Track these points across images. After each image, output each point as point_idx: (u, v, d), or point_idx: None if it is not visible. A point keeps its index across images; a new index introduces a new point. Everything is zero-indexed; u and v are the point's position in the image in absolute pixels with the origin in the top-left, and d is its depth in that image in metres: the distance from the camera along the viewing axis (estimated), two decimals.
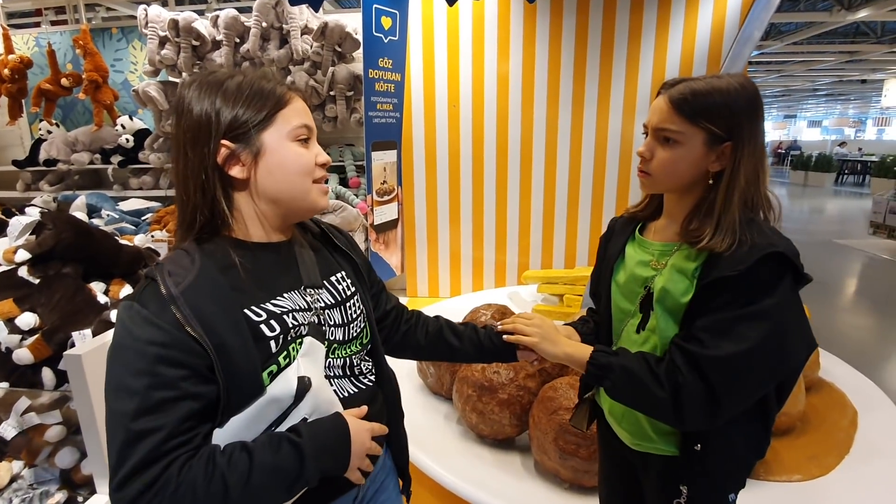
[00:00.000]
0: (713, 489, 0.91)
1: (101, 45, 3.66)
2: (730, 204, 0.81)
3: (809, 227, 7.84)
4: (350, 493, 0.82)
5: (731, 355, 0.76)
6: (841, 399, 1.99)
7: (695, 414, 0.80)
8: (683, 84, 0.84)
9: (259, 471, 0.63)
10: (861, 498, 1.50)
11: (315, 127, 0.78)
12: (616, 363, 0.86)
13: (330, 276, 0.83)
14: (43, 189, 3.67)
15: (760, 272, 0.76)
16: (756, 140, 0.82)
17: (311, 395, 0.69)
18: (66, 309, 1.26)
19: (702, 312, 0.81)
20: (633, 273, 0.94)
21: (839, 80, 12.98)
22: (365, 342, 0.87)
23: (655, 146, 0.87)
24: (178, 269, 0.67)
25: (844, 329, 3.90)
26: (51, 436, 1.22)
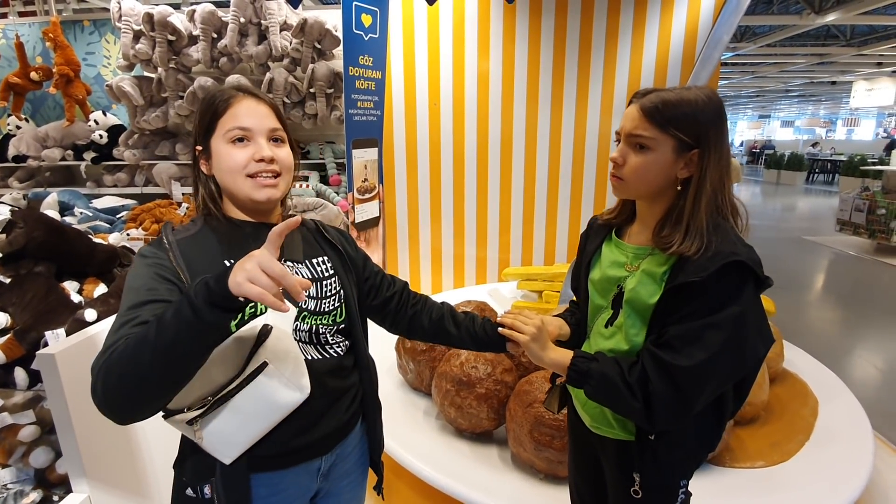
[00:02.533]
0: (663, 476, 0.97)
1: (72, 37, 3.57)
2: (697, 210, 0.86)
3: (780, 224, 8.08)
4: (314, 462, 0.90)
5: (700, 363, 0.81)
6: (803, 389, 2.08)
7: (664, 417, 0.86)
8: (655, 94, 0.88)
9: (160, 321, 0.66)
10: (818, 481, 1.58)
11: (264, 124, 0.86)
12: (594, 370, 0.90)
13: (312, 258, 0.94)
14: (12, 186, 3.57)
15: (723, 280, 0.81)
16: (721, 149, 0.87)
17: (272, 339, 0.78)
18: (38, 308, 1.25)
19: (671, 318, 0.86)
20: (607, 272, 0.99)
21: (810, 81, 13.36)
22: (338, 320, 0.95)
23: (628, 152, 0.91)
24: (181, 229, 0.87)
25: (810, 322, 4.05)
26: (24, 435, 1.21)
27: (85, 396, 1.20)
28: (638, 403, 0.86)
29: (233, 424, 0.77)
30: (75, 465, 1.18)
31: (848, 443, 1.74)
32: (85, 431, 1.18)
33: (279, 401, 0.79)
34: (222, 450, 0.79)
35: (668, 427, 0.90)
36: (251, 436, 0.79)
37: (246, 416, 0.78)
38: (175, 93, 3.24)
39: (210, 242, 0.85)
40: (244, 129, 0.84)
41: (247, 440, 0.79)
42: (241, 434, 0.79)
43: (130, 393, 0.67)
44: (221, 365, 0.76)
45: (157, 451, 1.46)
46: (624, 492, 0.98)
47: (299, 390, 0.81)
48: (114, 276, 1.52)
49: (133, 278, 0.79)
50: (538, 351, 0.95)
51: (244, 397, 0.76)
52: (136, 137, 3.45)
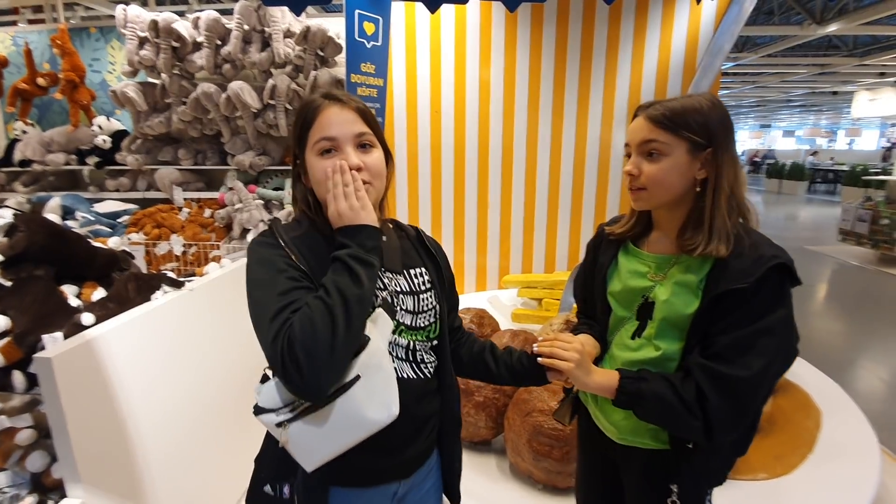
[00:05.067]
0: (699, 485, 0.96)
1: (78, 44, 3.61)
2: (718, 209, 0.86)
3: (783, 233, 8.07)
4: (391, 485, 0.88)
5: (758, 371, 0.81)
6: (806, 401, 2.06)
7: (724, 430, 0.85)
8: (659, 104, 0.90)
9: (336, 286, 0.74)
10: (821, 495, 1.56)
11: (349, 130, 0.84)
12: (646, 391, 0.88)
13: (410, 268, 0.92)
14: (17, 190, 3.59)
15: (768, 284, 0.82)
16: (733, 147, 0.89)
17: (367, 353, 0.76)
18: (37, 312, 1.25)
19: (717, 327, 0.85)
20: (628, 283, 0.98)
21: (811, 91, 13.40)
22: (432, 336, 0.93)
23: (641, 162, 0.91)
24: (291, 226, 0.87)
25: (813, 333, 4.02)
26: (21, 439, 1.21)
27: (81, 400, 1.20)
28: (697, 421, 0.84)
29: (318, 434, 0.75)
30: (70, 469, 1.17)
31: (853, 456, 1.72)
32: (80, 436, 1.18)
33: (367, 417, 0.76)
34: (304, 457, 0.77)
35: (725, 439, 0.89)
36: (335, 448, 0.77)
37: (332, 427, 0.75)
38: (178, 99, 3.26)
39: (318, 241, 0.84)
40: (330, 139, 0.83)
41: (330, 452, 0.77)
42: (325, 445, 0.76)
43: (330, 361, 0.71)
44: None
45: (153, 457, 1.45)
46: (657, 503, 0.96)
47: (387, 409, 0.77)
48: (112, 280, 1.52)
49: (262, 268, 0.80)
50: (583, 377, 0.93)
51: (332, 409, 0.74)
52: (139, 142, 3.48)
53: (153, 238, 3.03)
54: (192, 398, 1.63)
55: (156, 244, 2.80)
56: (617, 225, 1.04)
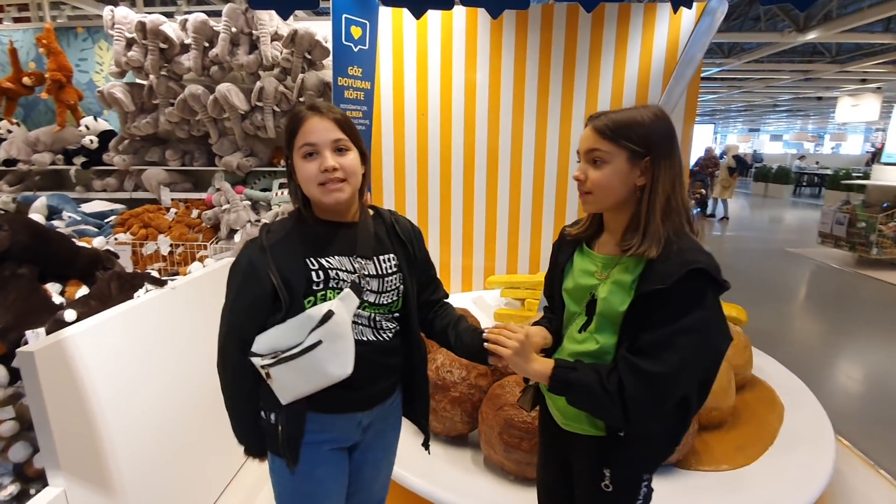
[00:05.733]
0: (631, 471, 1.03)
1: (65, 44, 3.62)
2: (653, 213, 0.93)
3: (765, 235, 8.21)
4: (356, 414, 1.11)
5: (674, 367, 0.88)
6: (771, 396, 2.14)
7: (640, 419, 0.93)
8: (605, 115, 0.98)
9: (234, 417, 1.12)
10: (778, 483, 1.63)
11: (327, 137, 1.01)
12: (574, 379, 0.96)
13: (380, 254, 1.10)
14: (2, 189, 3.59)
15: (687, 286, 0.88)
16: (671, 157, 0.95)
17: (330, 324, 0.99)
18: (20, 308, 1.28)
19: (642, 324, 0.92)
20: (579, 281, 1.05)
21: (796, 96, 13.63)
22: (394, 310, 1.13)
23: (587, 168, 0.99)
24: (276, 229, 1.07)
25: (789, 332, 4.12)
26: (4, 430, 1.24)
27: (62, 393, 1.24)
28: (616, 409, 0.91)
29: (290, 378, 1.01)
30: (52, 460, 1.21)
31: (810, 447, 1.79)
32: (62, 427, 1.22)
33: (327, 373, 1.01)
34: (281, 393, 1.03)
35: (642, 427, 0.97)
36: (303, 390, 1.02)
37: (300, 375, 1.00)
38: (166, 100, 3.29)
39: (295, 244, 1.04)
40: (311, 144, 1.01)
41: (299, 392, 1.02)
42: (296, 386, 1.02)
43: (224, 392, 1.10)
44: (292, 332, 1.00)
45: (132, 449, 1.49)
46: (594, 486, 1.03)
47: (343, 368, 1.01)
48: (95, 278, 1.56)
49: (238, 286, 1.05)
50: (522, 364, 1.01)
51: (301, 362, 0.99)
52: (127, 143, 3.50)
53: (140, 238, 3.05)
54: (171, 393, 1.67)
55: (143, 244, 2.83)
56: (575, 227, 1.12)
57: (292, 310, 1.00)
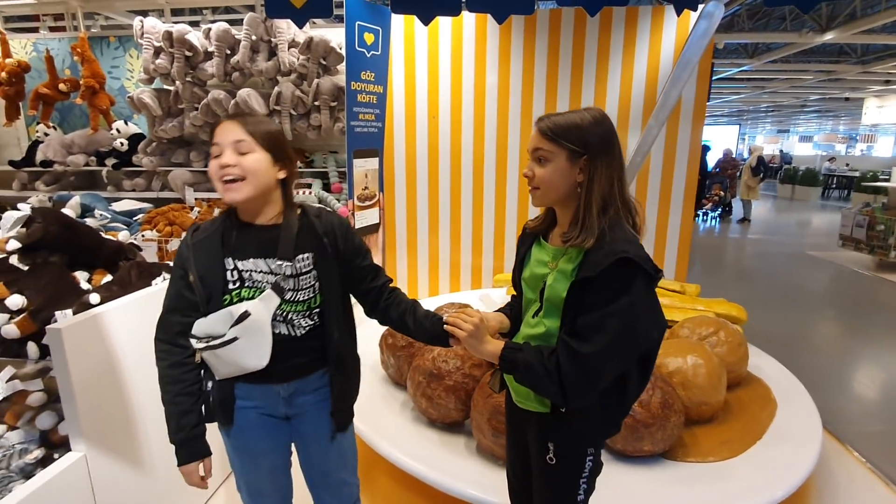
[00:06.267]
0: (573, 445, 1.11)
1: (98, 52, 3.85)
2: (589, 207, 1.01)
3: (787, 239, 8.04)
4: (275, 386, 1.20)
5: (601, 348, 0.96)
6: (765, 393, 2.16)
7: (575, 396, 1.01)
8: (549, 118, 1.06)
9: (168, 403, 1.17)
10: (760, 473, 1.67)
11: (229, 138, 1.09)
12: (519, 359, 1.05)
13: (300, 252, 1.16)
14: (39, 189, 3.84)
15: (614, 274, 0.96)
16: (609, 156, 1.03)
17: (247, 322, 1.09)
18: (50, 292, 1.43)
19: (578, 308, 1.01)
20: (534, 271, 1.15)
21: (824, 97, 13.26)
22: (313, 306, 1.19)
23: (534, 166, 1.08)
24: (203, 228, 1.16)
25: (801, 335, 4.07)
26: (33, 401, 1.39)
27: (86, 367, 1.38)
28: (554, 386, 1.00)
29: (216, 362, 1.13)
30: (75, 427, 1.35)
31: (796, 443, 1.82)
32: (85, 398, 1.36)
33: (243, 364, 1.13)
34: (213, 370, 1.17)
35: (579, 404, 1.04)
36: (226, 373, 1.15)
37: (222, 362, 1.13)
38: (191, 104, 3.47)
39: (216, 245, 1.14)
40: (216, 144, 1.11)
41: (224, 374, 1.16)
42: (221, 368, 1.15)
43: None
44: (218, 323, 1.10)
45: (148, 420, 1.63)
46: (541, 460, 1.12)
47: (259, 360, 1.13)
48: (118, 267, 1.71)
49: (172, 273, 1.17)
50: (476, 345, 1.10)
51: (222, 352, 1.10)
52: (154, 145, 3.70)
53: (166, 235, 3.22)
54: None
55: (168, 241, 3.00)
56: (534, 221, 1.22)
57: (211, 304, 1.12)
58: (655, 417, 1.68)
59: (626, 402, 1.09)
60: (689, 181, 3.58)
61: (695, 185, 3.61)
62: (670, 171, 3.60)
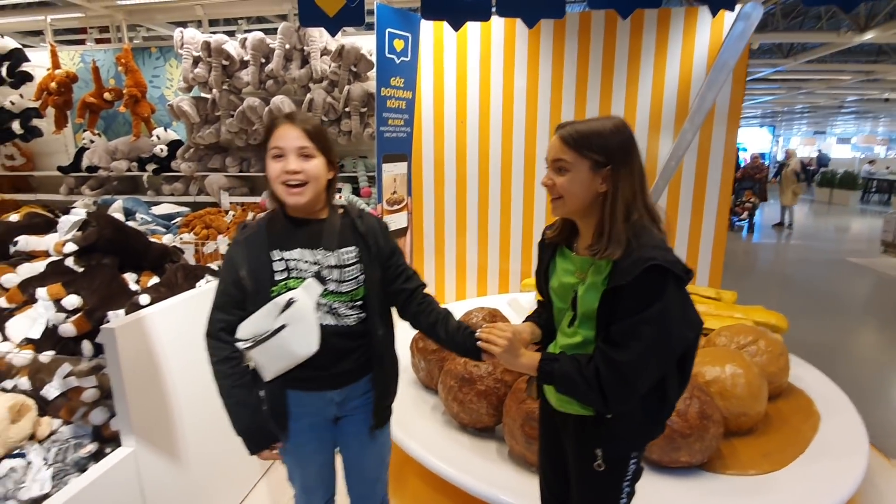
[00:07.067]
0: (619, 450, 1.12)
1: (140, 62, 4.01)
2: (614, 217, 1.01)
3: (826, 245, 7.76)
4: (328, 392, 1.25)
5: (638, 354, 0.97)
6: (807, 405, 2.09)
7: (617, 402, 1.02)
8: (570, 126, 1.05)
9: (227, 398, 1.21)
10: (803, 489, 1.62)
11: (293, 143, 1.14)
12: (557, 371, 1.06)
13: (342, 247, 1.22)
14: (84, 193, 4.02)
15: (645, 281, 0.96)
16: (631, 165, 1.03)
17: (293, 309, 1.14)
18: (104, 293, 1.50)
19: (611, 316, 1.01)
20: (562, 280, 1.15)
21: (862, 98, 12.76)
22: (356, 298, 1.24)
23: (554, 176, 1.07)
24: (251, 226, 1.22)
25: (841, 344, 3.92)
26: (86, 397, 1.46)
27: (137, 366, 1.44)
28: (595, 394, 1.01)
29: (265, 358, 1.17)
30: (126, 423, 1.41)
31: (842, 457, 1.75)
32: (135, 395, 1.42)
33: (293, 351, 1.16)
34: (261, 372, 1.20)
35: (621, 409, 1.05)
36: (277, 368, 1.18)
37: (272, 356, 1.16)
38: (227, 112, 3.59)
39: (263, 239, 1.19)
40: (279, 147, 1.15)
41: (275, 369, 1.18)
42: (271, 365, 1.18)
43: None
44: (264, 319, 1.15)
45: (193, 418, 1.69)
46: (587, 466, 1.11)
47: (308, 347, 1.16)
48: (165, 269, 1.78)
49: (221, 272, 1.22)
50: (512, 359, 1.12)
51: (270, 344, 1.15)
52: (192, 151, 3.83)
53: (202, 238, 3.33)
54: None
55: (204, 243, 3.10)
56: (550, 231, 1.21)
57: (259, 297, 1.16)
58: (693, 428, 1.65)
59: (667, 403, 1.08)
60: (724, 186, 3.50)
61: (729, 190, 3.52)
62: (703, 176, 3.52)
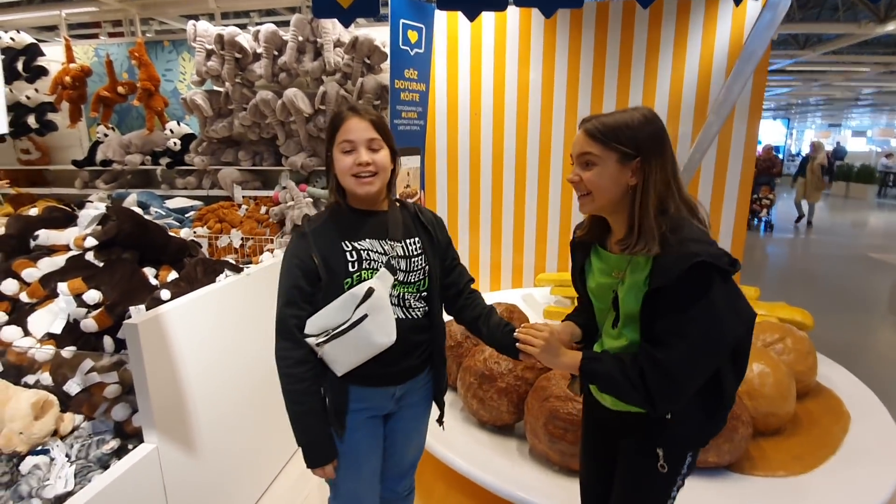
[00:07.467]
0: (679, 448, 1.09)
1: (153, 55, 4.00)
2: (645, 211, 0.96)
3: (846, 240, 7.61)
4: (390, 388, 1.25)
5: (684, 353, 0.94)
6: (837, 405, 2.04)
7: (663, 403, 0.98)
8: (596, 119, 1.01)
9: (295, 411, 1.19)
10: (836, 493, 1.57)
11: (363, 136, 1.15)
12: (599, 370, 1.04)
13: (407, 238, 1.23)
14: (99, 187, 4.01)
15: (690, 279, 0.92)
16: (663, 157, 0.98)
17: (373, 299, 1.12)
18: (124, 288, 1.48)
19: (655, 315, 0.98)
20: (600, 281, 1.11)
21: (880, 90, 12.49)
22: (422, 289, 1.25)
23: (580, 171, 1.03)
24: (315, 219, 1.23)
25: (865, 343, 3.84)
26: (108, 393, 1.44)
27: (159, 361, 1.42)
28: (639, 395, 0.98)
29: (342, 352, 1.15)
30: (148, 419, 1.40)
31: (874, 460, 1.70)
32: (157, 391, 1.40)
33: (374, 342, 1.14)
34: (335, 367, 1.17)
35: (668, 410, 1.02)
36: (354, 361, 1.16)
37: (351, 348, 1.14)
38: (240, 105, 3.56)
39: (331, 230, 1.19)
40: (350, 141, 1.15)
41: (351, 363, 1.16)
42: (348, 358, 1.16)
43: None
44: (338, 312, 1.14)
45: (215, 413, 1.68)
46: (647, 465, 1.09)
47: (388, 336, 1.15)
48: (183, 264, 1.76)
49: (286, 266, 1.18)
50: (552, 359, 1.10)
51: (350, 336, 1.13)
52: (205, 145, 3.81)
53: (215, 232, 3.32)
54: (248, 366, 1.85)
55: (217, 237, 3.09)
56: (580, 230, 1.17)
57: (331, 288, 1.14)
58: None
59: (725, 399, 1.05)
60: (744, 181, 3.43)
61: (749, 185, 3.45)
62: (723, 170, 3.45)
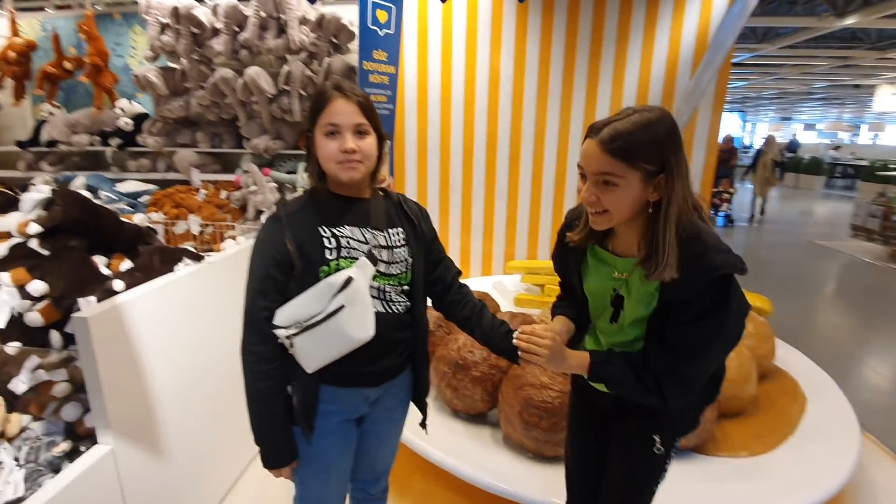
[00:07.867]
0: (675, 434, 1.12)
1: (103, 29, 3.72)
2: (669, 228, 0.91)
3: (793, 228, 8.01)
4: (365, 389, 1.16)
5: (700, 361, 0.97)
6: (793, 387, 2.13)
7: (675, 402, 1.01)
8: (609, 127, 0.90)
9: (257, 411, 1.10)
10: (798, 472, 1.64)
11: (350, 120, 1.05)
12: (611, 374, 1.03)
13: (390, 227, 1.15)
14: (44, 169, 3.74)
15: (711, 292, 0.92)
16: (682, 166, 0.92)
17: (351, 289, 1.03)
18: (73, 278, 1.37)
19: (669, 322, 0.97)
20: (600, 280, 1.09)
21: (832, 84, 13.10)
22: (403, 282, 1.16)
23: (599, 192, 0.93)
24: (292, 202, 1.13)
25: (817, 327, 4.06)
26: (57, 391, 1.34)
27: (113, 357, 1.33)
28: (655, 398, 1.00)
29: (315, 345, 1.05)
30: (102, 419, 1.30)
31: (833, 440, 1.79)
32: (112, 389, 1.31)
33: (350, 335, 1.05)
34: (306, 362, 1.07)
35: (679, 405, 1.04)
36: (326, 357, 1.06)
37: (325, 341, 1.04)
38: (197, 83, 3.36)
39: (309, 214, 1.09)
40: (334, 124, 1.05)
41: (324, 358, 1.06)
42: (320, 353, 1.06)
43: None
44: (313, 302, 1.04)
45: (174, 411, 1.59)
46: (644, 451, 1.10)
47: (365, 331, 1.06)
48: (138, 252, 1.65)
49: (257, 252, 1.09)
50: (558, 364, 1.06)
51: (325, 328, 1.03)
52: (159, 125, 3.60)
53: (172, 218, 3.15)
54: (208, 359, 1.76)
55: (174, 223, 2.93)
56: (573, 232, 1.09)
57: (306, 277, 1.05)
58: None
59: (720, 385, 1.12)
60: (706, 173, 3.51)
61: (712, 177, 3.54)
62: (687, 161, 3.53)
